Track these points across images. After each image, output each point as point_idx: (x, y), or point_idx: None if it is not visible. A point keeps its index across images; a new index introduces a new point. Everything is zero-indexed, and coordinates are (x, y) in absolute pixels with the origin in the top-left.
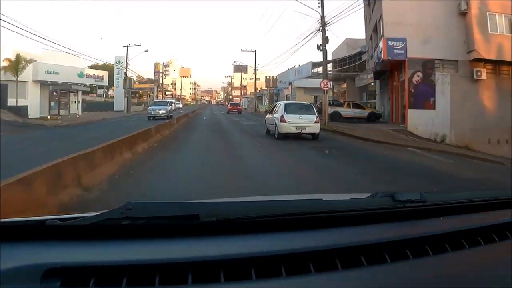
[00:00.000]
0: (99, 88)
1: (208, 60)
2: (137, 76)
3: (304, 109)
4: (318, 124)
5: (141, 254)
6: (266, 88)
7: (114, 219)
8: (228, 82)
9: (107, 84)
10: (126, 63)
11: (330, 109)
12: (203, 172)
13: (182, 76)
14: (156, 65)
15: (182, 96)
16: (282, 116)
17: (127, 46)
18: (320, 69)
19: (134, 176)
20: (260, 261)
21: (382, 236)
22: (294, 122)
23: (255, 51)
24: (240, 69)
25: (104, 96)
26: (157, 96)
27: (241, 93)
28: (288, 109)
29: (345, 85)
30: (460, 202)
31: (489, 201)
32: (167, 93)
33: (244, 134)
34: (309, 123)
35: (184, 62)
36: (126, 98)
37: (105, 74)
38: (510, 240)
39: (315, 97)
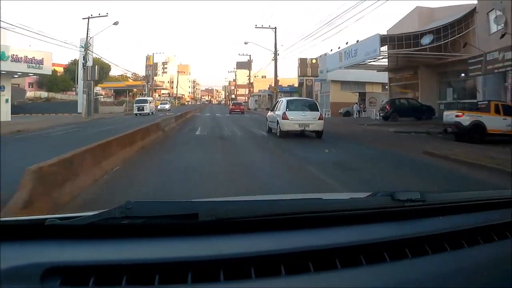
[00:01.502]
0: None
1: (209, 58)
2: (132, 74)
3: (307, 105)
4: (322, 121)
5: (140, 253)
6: (280, 86)
7: (114, 218)
8: (230, 81)
9: (50, 73)
10: (87, 42)
11: (467, 119)
12: None
13: (179, 72)
14: (148, 58)
15: (180, 95)
16: (284, 113)
17: (89, 18)
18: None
19: None
20: (259, 260)
21: (381, 235)
22: (297, 119)
23: (275, 28)
24: (244, 65)
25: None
26: (143, 94)
27: (249, 91)
28: (290, 105)
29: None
30: (459, 201)
31: (488, 201)
32: (163, 91)
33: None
34: (313, 120)
35: (183, 61)
36: (85, 95)
37: (46, 56)
38: (509, 240)
39: (361, 94)
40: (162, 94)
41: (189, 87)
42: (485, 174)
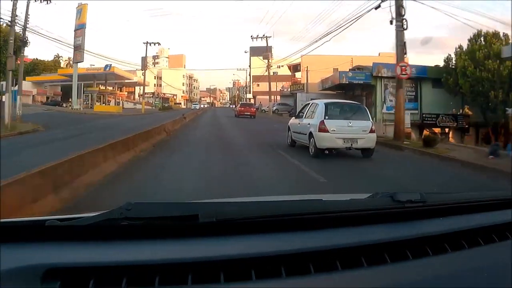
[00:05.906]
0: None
1: (210, 56)
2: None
3: (353, 111)
4: (374, 135)
5: (140, 255)
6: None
7: (114, 219)
8: (234, 80)
9: None
10: None
11: None
12: None
13: (148, 51)
14: (81, 12)
15: (170, 95)
16: (321, 122)
17: None
18: None
19: None
20: (260, 262)
21: (382, 236)
22: (341, 132)
23: None
24: (260, 51)
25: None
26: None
27: (292, 80)
28: (330, 111)
29: None
30: (460, 202)
31: (489, 202)
32: (146, 90)
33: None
34: (362, 132)
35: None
36: None
37: None
38: (510, 241)
39: None
40: (145, 93)
41: (183, 84)
42: None
